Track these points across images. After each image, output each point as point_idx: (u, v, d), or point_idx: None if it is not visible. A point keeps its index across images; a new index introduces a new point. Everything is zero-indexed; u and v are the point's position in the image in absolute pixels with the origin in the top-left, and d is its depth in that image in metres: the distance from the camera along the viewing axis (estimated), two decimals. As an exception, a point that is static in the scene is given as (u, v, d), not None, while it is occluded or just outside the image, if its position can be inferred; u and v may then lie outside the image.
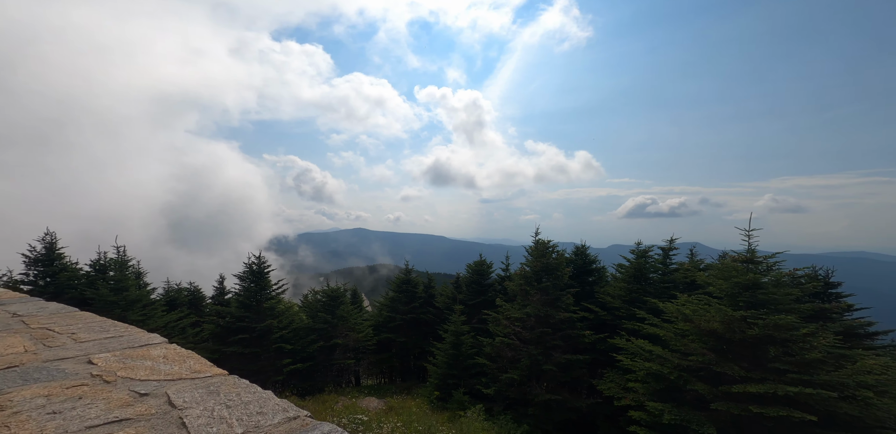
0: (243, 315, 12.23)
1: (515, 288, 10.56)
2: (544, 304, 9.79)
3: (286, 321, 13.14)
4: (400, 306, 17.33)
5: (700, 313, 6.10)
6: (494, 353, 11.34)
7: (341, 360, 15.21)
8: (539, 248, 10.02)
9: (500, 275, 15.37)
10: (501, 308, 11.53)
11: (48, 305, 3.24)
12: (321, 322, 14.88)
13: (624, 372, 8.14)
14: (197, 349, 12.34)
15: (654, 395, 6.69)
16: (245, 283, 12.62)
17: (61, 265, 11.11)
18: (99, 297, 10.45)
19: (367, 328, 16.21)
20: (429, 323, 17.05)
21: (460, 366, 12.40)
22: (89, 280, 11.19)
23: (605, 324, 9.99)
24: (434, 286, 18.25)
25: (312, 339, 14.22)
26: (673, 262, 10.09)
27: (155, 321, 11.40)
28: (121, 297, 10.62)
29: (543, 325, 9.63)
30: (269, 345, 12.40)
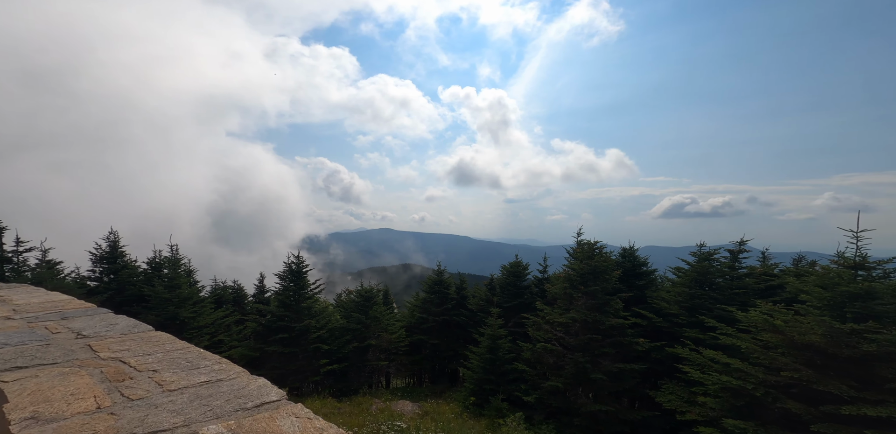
0: (283, 314, 12.45)
1: (558, 291, 9.88)
2: (590, 308, 9.05)
3: (323, 321, 13.25)
4: (432, 308, 17.06)
5: (794, 324, 5.20)
6: (534, 359, 10.72)
7: (374, 361, 15.17)
8: (584, 249, 9.27)
9: (536, 277, 14.64)
10: (542, 312, 10.87)
11: (117, 321, 2.76)
12: (355, 322, 14.91)
13: (687, 384, 7.30)
14: (240, 347, 12.71)
15: (731, 412, 5.89)
16: (285, 283, 12.86)
17: (123, 263, 11.84)
18: (155, 294, 11.00)
19: (399, 329, 16.09)
20: (461, 325, 16.64)
21: (497, 371, 11.88)
22: (146, 277, 11.83)
23: (660, 331, 9.07)
24: (466, 287, 17.81)
25: (347, 340, 14.26)
26: (743, 265, 8.94)
27: (204, 318, 11.86)
28: (174, 295, 11.13)
29: (590, 331, 8.91)
30: (307, 345, 12.54)
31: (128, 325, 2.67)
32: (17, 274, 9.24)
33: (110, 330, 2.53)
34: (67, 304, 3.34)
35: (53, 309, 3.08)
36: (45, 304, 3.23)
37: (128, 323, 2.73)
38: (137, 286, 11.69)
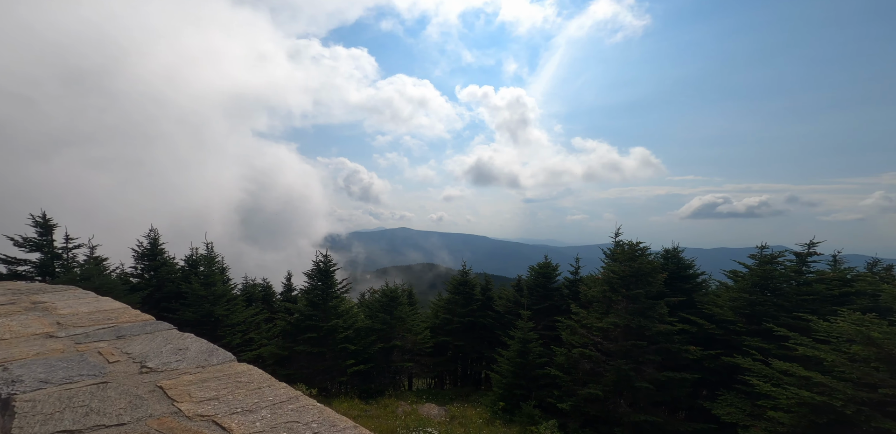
0: (312, 313, 12.50)
1: (596, 294, 9.30)
2: (633, 313, 8.44)
3: (350, 321, 13.22)
4: (457, 308, 16.76)
5: (893, 337, 4.50)
6: (568, 365, 10.20)
7: (399, 363, 15.04)
8: (626, 250, 8.66)
9: (567, 278, 14.01)
10: (576, 315, 10.32)
11: (185, 343, 2.07)
12: (380, 322, 14.84)
13: (748, 396, 6.61)
14: (270, 345, 12.87)
15: (809, 429, 5.25)
16: (313, 282, 12.92)
17: (162, 260, 12.25)
18: (192, 291, 11.29)
19: (423, 330, 15.90)
20: (487, 327, 16.24)
21: (527, 376, 11.42)
22: (184, 274, 12.18)
23: (713, 339, 8.33)
24: (491, 288, 17.38)
25: (372, 340, 14.20)
26: (811, 269, 8.04)
27: (237, 316, 12.09)
28: (210, 292, 11.38)
29: (633, 337, 8.31)
30: (334, 345, 12.54)
31: (201, 351, 1.93)
32: (67, 270, 9.68)
33: (181, 358, 1.85)
34: (121, 314, 2.70)
35: (106, 322, 2.48)
36: (96, 316, 2.65)
37: (200, 347, 2.00)
38: (175, 283, 12.05)
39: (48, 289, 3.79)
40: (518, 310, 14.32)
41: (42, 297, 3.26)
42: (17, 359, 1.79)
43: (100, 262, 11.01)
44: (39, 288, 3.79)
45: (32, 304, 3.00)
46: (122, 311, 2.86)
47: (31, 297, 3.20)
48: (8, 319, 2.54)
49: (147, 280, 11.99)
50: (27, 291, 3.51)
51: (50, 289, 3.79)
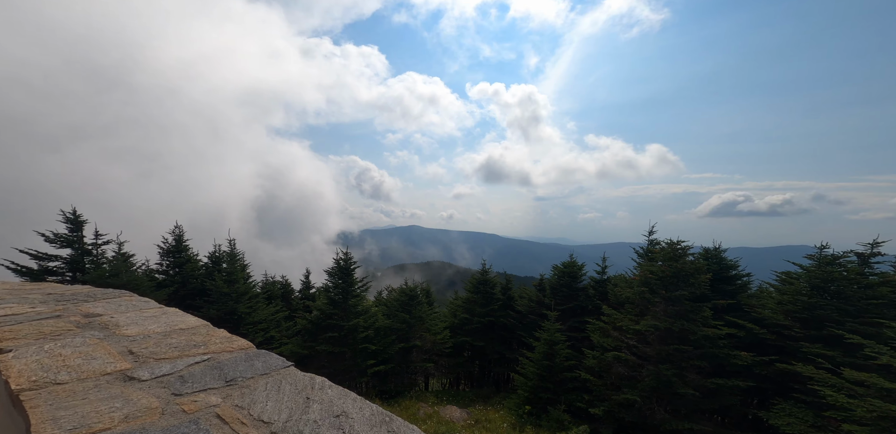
0: (332, 312, 12.35)
1: (632, 295, 8.80)
2: (673, 315, 7.93)
3: (370, 320, 13.03)
4: (476, 308, 16.41)
5: None
6: (600, 368, 9.74)
7: (418, 363, 14.82)
8: (666, 250, 8.13)
9: (594, 278, 13.48)
10: (608, 317, 9.84)
11: (337, 402, 1.23)
12: (399, 322, 14.63)
13: (811, 406, 6.06)
14: (290, 344, 12.80)
15: None
16: (333, 280, 12.77)
17: (186, 257, 12.30)
18: (215, 289, 11.29)
19: (442, 330, 15.63)
20: (508, 328, 15.85)
21: (554, 379, 11.00)
22: (207, 271, 12.20)
23: (764, 344, 7.75)
24: (511, 288, 16.96)
25: (392, 340, 14.00)
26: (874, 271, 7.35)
27: (259, 314, 12.04)
28: (233, 289, 11.35)
29: (675, 341, 7.81)
30: (355, 344, 12.37)
31: (371, 421, 1.11)
32: (96, 266, 9.77)
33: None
34: (208, 338, 1.84)
35: (194, 350, 1.63)
36: (176, 339, 1.79)
37: (362, 412, 1.16)
38: (199, 280, 12.08)
39: (98, 294, 2.77)
40: (541, 310, 13.89)
41: (94, 307, 2.37)
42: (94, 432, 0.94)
43: (127, 259, 11.12)
44: (87, 293, 2.81)
45: (85, 317, 2.13)
46: (206, 333, 1.95)
47: (81, 307, 2.35)
48: (59, 345, 1.58)
49: (172, 277, 12.06)
50: (73, 298, 2.61)
51: (100, 294, 2.78)
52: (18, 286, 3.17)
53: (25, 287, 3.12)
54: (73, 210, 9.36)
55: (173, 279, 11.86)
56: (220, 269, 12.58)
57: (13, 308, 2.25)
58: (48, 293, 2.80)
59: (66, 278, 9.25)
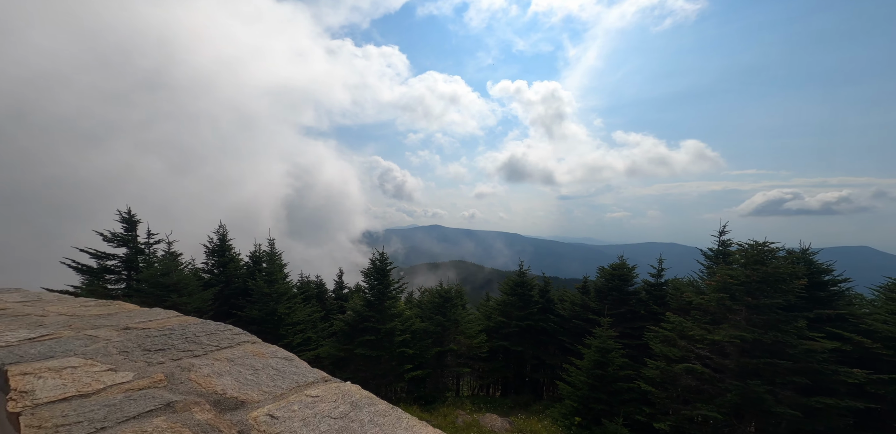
0: (368, 314, 12.11)
1: (707, 302, 7.80)
2: (760, 325, 6.89)
3: (407, 323, 12.69)
4: (513, 311, 15.69)
5: None
6: (662, 379, 8.80)
7: (454, 367, 14.34)
8: (750, 251, 7.08)
9: (647, 281, 12.37)
10: (671, 324, 8.86)
11: None
12: (434, 325, 14.22)
13: None
14: (327, 346, 12.69)
15: None
16: (369, 281, 12.53)
17: (230, 256, 12.53)
18: (256, 289, 11.37)
19: (477, 333, 15.05)
20: (549, 332, 15.02)
21: (607, 389, 10.12)
22: (249, 271, 12.35)
23: (879, 360, 6.56)
24: (550, 290, 16.08)
25: (428, 344, 13.60)
26: None
27: (297, 314, 12.03)
28: (273, 290, 11.38)
29: (763, 354, 6.78)
30: (392, 348, 12.06)
31: None
32: (149, 265, 10.07)
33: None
34: None
35: None
36: None
37: None
38: (241, 279, 12.24)
39: (199, 333, 1.73)
40: (587, 315, 12.97)
41: (213, 371, 1.30)
42: None
43: (175, 258, 11.44)
44: (183, 333, 1.71)
45: (216, 408, 1.05)
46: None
47: (194, 375, 1.26)
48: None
49: (216, 276, 12.32)
50: (168, 346, 1.54)
51: (202, 334, 1.72)
52: (80, 307, 2.30)
53: (90, 310, 2.22)
54: (128, 210, 9.68)
55: (218, 278, 12.10)
56: (260, 268, 12.71)
57: (82, 373, 1.18)
58: (124, 328, 1.76)
59: (121, 277, 9.61)
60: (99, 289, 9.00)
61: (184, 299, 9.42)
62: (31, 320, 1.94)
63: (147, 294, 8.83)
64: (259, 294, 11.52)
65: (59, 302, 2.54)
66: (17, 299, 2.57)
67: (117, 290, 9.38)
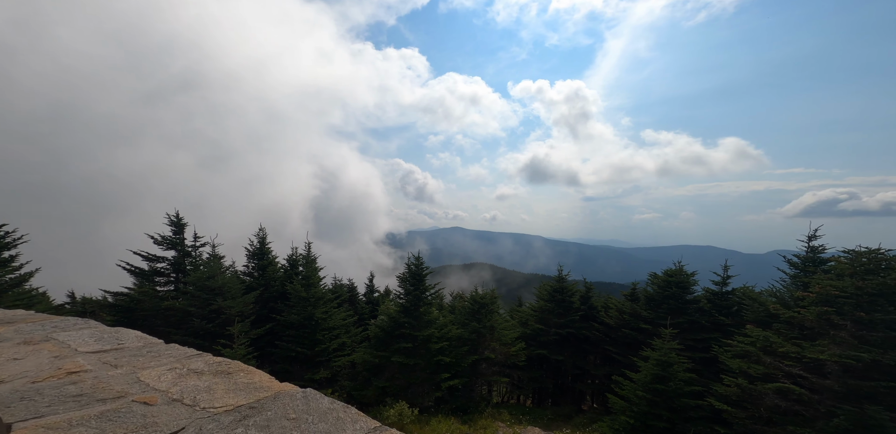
0: (405, 321, 11.75)
1: (804, 316, 6.77)
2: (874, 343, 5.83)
3: (444, 330, 12.22)
4: (552, 318, 14.86)
5: None
6: (741, 397, 7.80)
7: (491, 376, 13.70)
8: (859, 260, 6.03)
9: (710, 290, 11.21)
10: (752, 339, 7.84)
11: None
12: (470, 331, 13.66)
13: None
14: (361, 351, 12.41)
15: None
16: (405, 286, 12.18)
17: (269, 259, 12.60)
18: (294, 292, 11.32)
19: (514, 341, 14.34)
20: (592, 341, 14.08)
21: (669, 405, 9.15)
22: (287, 274, 12.35)
23: None
24: (592, 296, 15.11)
25: (465, 351, 13.05)
26: None
27: (334, 319, 11.86)
28: (311, 294, 11.28)
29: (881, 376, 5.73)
30: (428, 356, 11.62)
31: None
32: (195, 268, 10.23)
33: None
34: None
35: None
36: None
37: None
38: (279, 283, 12.25)
39: None
40: (638, 324, 11.96)
41: None
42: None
43: (218, 260, 11.61)
44: (294, 417, 1.21)
45: None
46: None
47: None
48: None
49: (256, 279, 12.41)
50: None
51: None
52: (188, 374, 1.57)
53: (207, 382, 1.49)
54: (176, 213, 9.89)
55: (258, 282, 12.18)
56: (297, 272, 12.69)
57: None
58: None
59: (170, 279, 9.84)
60: (150, 291, 9.24)
61: (228, 303, 9.45)
62: (133, 419, 1.14)
63: (194, 297, 8.92)
64: (296, 298, 11.45)
65: (149, 355, 1.75)
66: (93, 348, 1.75)
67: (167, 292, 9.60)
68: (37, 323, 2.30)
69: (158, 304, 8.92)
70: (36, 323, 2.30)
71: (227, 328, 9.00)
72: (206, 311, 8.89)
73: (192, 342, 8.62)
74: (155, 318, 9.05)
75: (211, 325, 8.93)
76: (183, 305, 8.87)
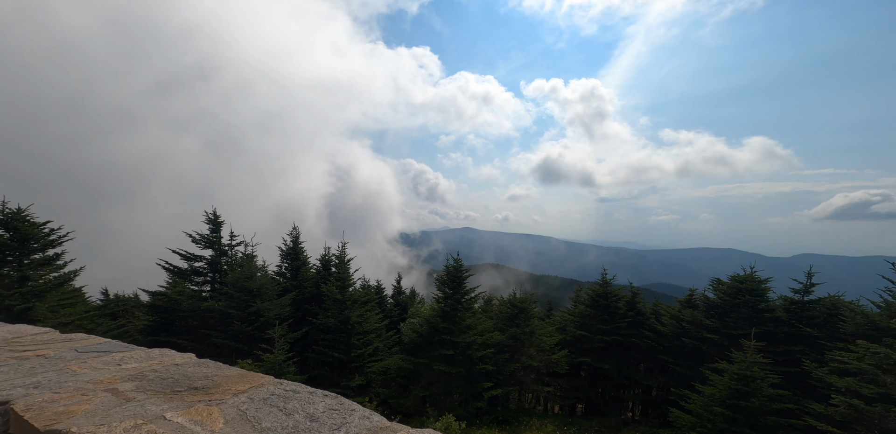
0: (444, 327, 11.05)
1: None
2: None
3: (485, 336, 11.47)
4: (596, 324, 13.91)
5: None
6: (849, 418, 6.80)
7: (532, 385, 12.86)
8: None
9: (788, 298, 10.07)
10: (857, 354, 6.82)
11: None
12: (509, 337, 12.88)
13: None
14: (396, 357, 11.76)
15: None
16: (443, 289, 11.49)
17: (301, 260, 12.13)
18: (329, 294, 10.79)
19: (555, 348, 13.48)
20: (642, 349, 13.08)
21: (753, 423, 8.17)
22: (320, 276, 11.84)
23: None
24: (640, 302, 14.09)
25: (506, 359, 12.26)
26: None
27: (369, 323, 11.28)
28: (346, 296, 10.73)
29: None
30: (470, 364, 10.89)
31: None
32: (231, 268, 9.81)
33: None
34: None
35: None
36: None
37: None
38: (312, 284, 11.76)
39: None
40: (701, 333, 10.92)
41: None
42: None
43: (251, 260, 11.20)
44: None
45: None
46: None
47: None
48: None
49: (289, 279, 11.97)
50: None
51: None
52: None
53: None
54: (213, 211, 9.50)
55: (291, 283, 11.74)
56: (330, 273, 12.18)
57: None
58: None
59: (207, 279, 9.48)
60: (187, 291, 8.89)
61: (266, 305, 8.96)
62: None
63: (233, 298, 8.46)
64: (331, 300, 10.92)
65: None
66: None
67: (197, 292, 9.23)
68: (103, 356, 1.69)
69: (198, 304, 8.52)
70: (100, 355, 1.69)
71: (266, 331, 8.51)
72: (245, 313, 8.43)
73: (232, 346, 8.16)
74: (192, 319, 8.66)
75: (250, 327, 8.46)
76: (222, 307, 8.43)
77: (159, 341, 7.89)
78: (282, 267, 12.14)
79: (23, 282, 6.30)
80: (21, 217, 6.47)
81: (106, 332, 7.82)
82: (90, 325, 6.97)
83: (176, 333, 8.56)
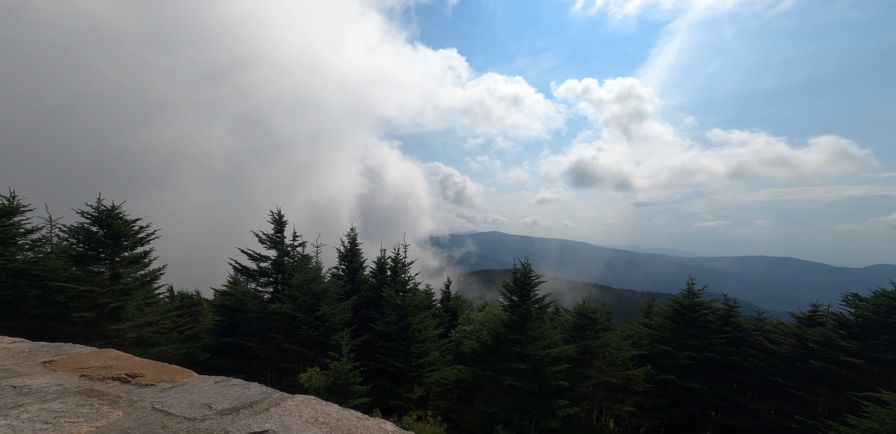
0: (513, 337, 9.98)
1: None
2: None
3: (559, 349, 10.24)
4: (680, 339, 12.15)
5: None
6: None
7: (610, 404, 11.38)
8: None
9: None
10: None
11: None
12: (580, 351, 11.51)
13: None
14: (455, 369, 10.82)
15: None
16: (510, 297, 10.44)
17: (358, 262, 11.65)
18: (389, 300, 10.14)
19: (627, 361, 11.89)
20: (745, 370, 11.18)
21: None
22: (378, 280, 11.27)
23: None
24: (737, 316, 12.14)
25: (580, 373, 10.91)
26: None
27: (430, 331, 10.48)
28: (406, 302, 10.02)
29: None
30: (543, 379, 9.71)
31: None
32: (293, 268, 9.45)
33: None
34: None
35: None
36: None
37: None
38: (369, 288, 11.20)
39: None
40: (837, 356, 8.94)
41: None
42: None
43: (307, 261, 10.84)
44: None
45: None
46: None
47: None
48: None
49: (348, 283, 11.54)
50: None
51: None
52: None
53: None
54: (278, 210, 9.23)
55: (350, 286, 11.27)
56: (386, 276, 11.57)
57: None
58: None
59: (270, 280, 9.21)
60: (252, 291, 8.65)
61: (330, 309, 8.44)
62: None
63: (297, 301, 8.01)
64: (391, 306, 10.25)
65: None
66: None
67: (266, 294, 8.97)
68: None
69: (265, 306, 8.18)
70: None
71: (330, 337, 7.94)
72: (311, 317, 7.94)
73: (299, 351, 7.68)
74: (259, 322, 8.35)
75: (316, 332, 7.96)
76: (288, 309, 8.02)
77: (230, 343, 7.68)
78: (339, 269, 11.74)
79: (115, 279, 6.26)
80: (115, 214, 6.46)
81: (181, 330, 7.69)
82: (171, 325, 6.83)
83: (243, 335, 8.33)
